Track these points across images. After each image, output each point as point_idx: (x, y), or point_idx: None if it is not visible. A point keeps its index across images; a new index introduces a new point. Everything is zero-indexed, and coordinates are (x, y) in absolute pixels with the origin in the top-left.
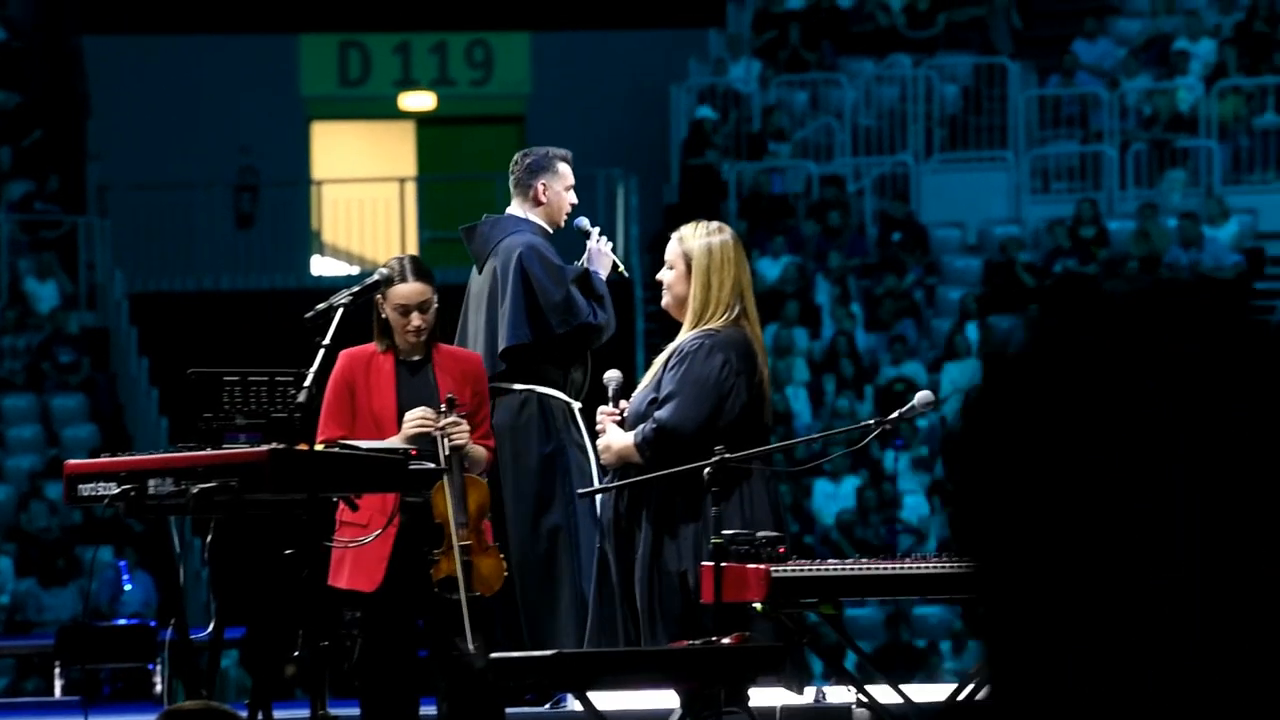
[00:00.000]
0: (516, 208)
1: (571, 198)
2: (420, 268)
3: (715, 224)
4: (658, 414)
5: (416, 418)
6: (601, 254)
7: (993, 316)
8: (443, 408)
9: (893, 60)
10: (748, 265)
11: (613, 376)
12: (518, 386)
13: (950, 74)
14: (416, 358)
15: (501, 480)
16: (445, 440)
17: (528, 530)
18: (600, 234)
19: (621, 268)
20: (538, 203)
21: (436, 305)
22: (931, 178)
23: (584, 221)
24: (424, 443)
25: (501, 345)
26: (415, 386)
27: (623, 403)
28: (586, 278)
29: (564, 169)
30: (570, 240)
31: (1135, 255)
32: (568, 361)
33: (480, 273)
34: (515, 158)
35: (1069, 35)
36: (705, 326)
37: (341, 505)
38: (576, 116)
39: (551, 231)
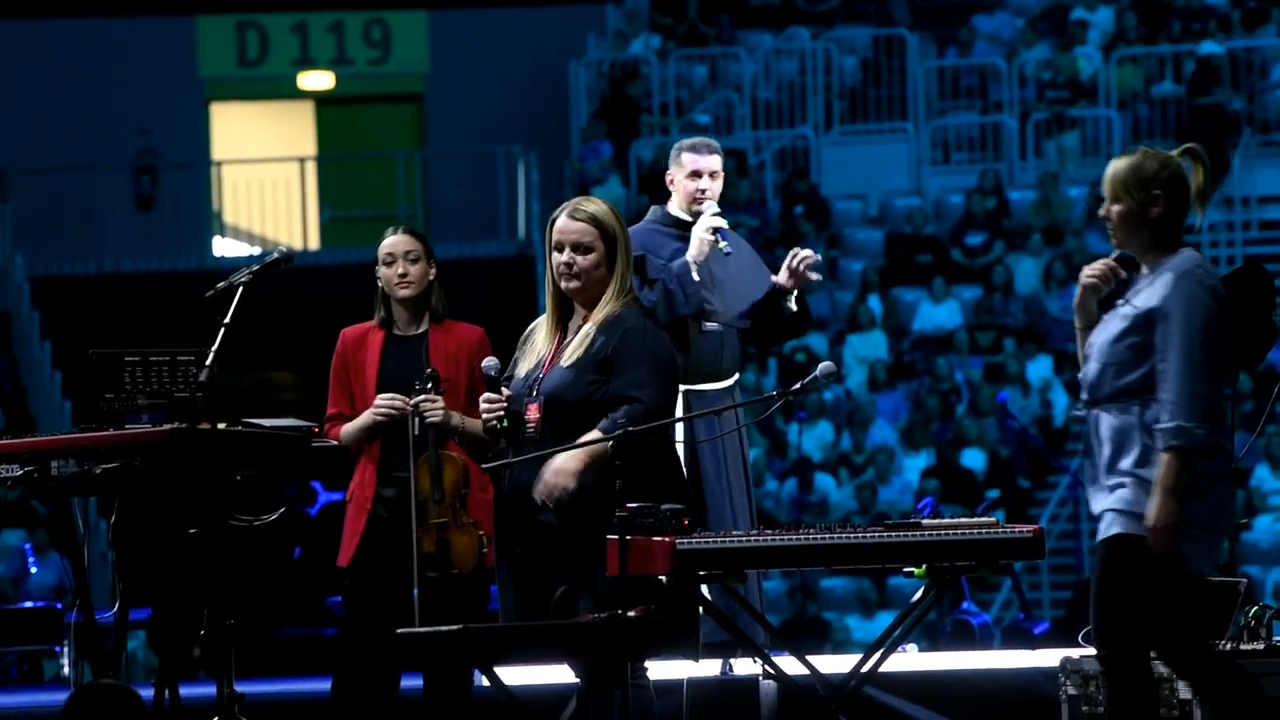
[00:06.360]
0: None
1: (692, 184)
2: (410, 228)
3: (592, 198)
4: (636, 395)
5: (384, 403)
6: (696, 236)
7: (895, 288)
8: (416, 385)
9: (791, 33)
10: None
11: (491, 364)
12: None
13: (849, 46)
14: (413, 332)
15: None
16: (417, 417)
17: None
18: (715, 214)
19: (723, 245)
20: (669, 193)
21: (428, 264)
22: (832, 150)
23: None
24: (393, 423)
25: None
26: (404, 361)
27: (503, 389)
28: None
29: (685, 157)
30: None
31: (1036, 226)
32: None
33: None
34: None
35: (967, 7)
36: (619, 303)
37: (356, 479)
38: (475, 94)
39: (690, 219)
